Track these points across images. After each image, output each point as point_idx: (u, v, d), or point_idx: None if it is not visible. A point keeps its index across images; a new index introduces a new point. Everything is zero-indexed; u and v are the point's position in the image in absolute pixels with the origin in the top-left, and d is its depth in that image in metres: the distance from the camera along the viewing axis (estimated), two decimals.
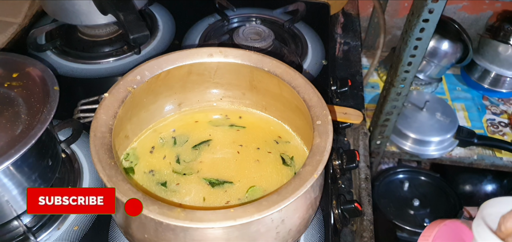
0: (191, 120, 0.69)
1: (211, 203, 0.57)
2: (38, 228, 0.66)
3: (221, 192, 0.59)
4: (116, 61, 0.98)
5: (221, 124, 0.69)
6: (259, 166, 0.62)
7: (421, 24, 1.10)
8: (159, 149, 0.64)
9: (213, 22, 1.11)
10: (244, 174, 0.61)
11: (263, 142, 0.65)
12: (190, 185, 0.60)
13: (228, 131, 0.67)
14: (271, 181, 0.60)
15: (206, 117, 0.70)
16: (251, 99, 0.69)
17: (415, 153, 1.49)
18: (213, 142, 0.66)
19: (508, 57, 1.52)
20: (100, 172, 0.47)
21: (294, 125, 0.66)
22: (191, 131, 0.67)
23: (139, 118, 0.64)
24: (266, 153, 0.64)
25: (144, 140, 0.66)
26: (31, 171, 0.61)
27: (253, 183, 0.60)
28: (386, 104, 1.33)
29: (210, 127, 0.68)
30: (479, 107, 1.59)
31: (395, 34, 1.74)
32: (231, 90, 0.69)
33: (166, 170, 0.62)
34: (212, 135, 0.67)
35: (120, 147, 0.61)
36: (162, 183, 0.60)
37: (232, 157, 0.64)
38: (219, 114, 0.70)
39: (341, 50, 1.15)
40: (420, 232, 1.43)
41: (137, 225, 0.50)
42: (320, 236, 0.69)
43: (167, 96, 0.66)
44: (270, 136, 0.67)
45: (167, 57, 0.61)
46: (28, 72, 0.65)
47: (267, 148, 0.64)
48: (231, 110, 0.70)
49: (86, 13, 0.90)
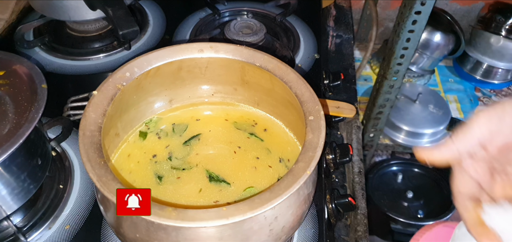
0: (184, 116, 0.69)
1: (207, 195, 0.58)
2: (28, 228, 0.65)
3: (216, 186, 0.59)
4: (106, 57, 0.97)
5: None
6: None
7: (413, 16, 1.10)
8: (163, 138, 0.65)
9: (204, 16, 1.10)
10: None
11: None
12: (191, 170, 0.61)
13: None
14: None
15: (198, 113, 0.69)
16: (243, 94, 0.68)
17: (409, 145, 1.49)
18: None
19: (500, 48, 1.53)
20: (90, 171, 0.47)
21: (287, 120, 0.65)
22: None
23: (130, 116, 0.63)
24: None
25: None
26: (20, 170, 0.61)
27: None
28: (379, 97, 1.33)
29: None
30: (472, 99, 1.60)
31: (388, 27, 1.74)
32: (223, 86, 0.68)
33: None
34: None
35: (111, 145, 0.60)
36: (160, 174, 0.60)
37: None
38: (210, 111, 0.69)
39: (333, 44, 1.15)
40: (414, 224, 1.45)
41: (128, 224, 0.49)
42: (314, 231, 0.68)
43: (158, 93, 0.65)
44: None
45: (157, 53, 0.60)
46: (15, 70, 0.64)
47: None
48: (224, 105, 0.70)
49: (74, 9, 0.89)
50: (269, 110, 0.67)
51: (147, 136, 0.65)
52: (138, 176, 0.60)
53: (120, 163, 0.61)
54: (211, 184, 0.59)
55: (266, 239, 0.50)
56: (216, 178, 0.59)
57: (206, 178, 0.60)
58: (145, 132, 0.65)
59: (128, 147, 0.63)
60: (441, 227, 0.55)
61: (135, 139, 0.64)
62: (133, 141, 0.64)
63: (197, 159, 0.62)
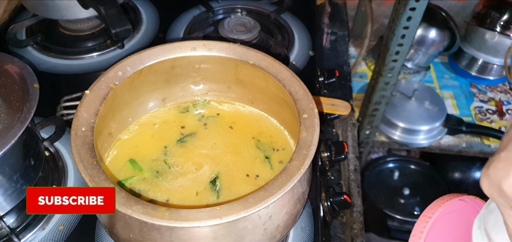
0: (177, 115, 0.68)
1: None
2: (22, 229, 0.65)
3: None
4: (99, 56, 0.96)
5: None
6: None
7: (408, 13, 1.10)
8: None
9: (198, 14, 1.10)
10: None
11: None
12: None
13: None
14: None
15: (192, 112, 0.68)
16: (237, 93, 0.67)
17: (405, 142, 1.49)
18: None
19: (495, 44, 1.53)
20: (82, 171, 0.46)
21: (281, 118, 0.65)
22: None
23: (123, 115, 0.63)
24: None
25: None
26: (13, 171, 0.60)
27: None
28: (375, 94, 1.33)
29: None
30: (467, 95, 1.60)
31: (383, 23, 1.74)
32: (216, 84, 0.67)
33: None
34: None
35: (104, 144, 0.60)
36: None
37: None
38: (204, 108, 0.69)
39: (328, 41, 1.14)
40: (410, 221, 1.45)
41: (121, 225, 0.49)
42: (309, 229, 0.68)
43: (151, 92, 0.64)
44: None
45: (149, 51, 0.60)
46: (6, 70, 0.63)
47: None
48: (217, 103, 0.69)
49: (66, 7, 0.88)
50: (263, 108, 0.67)
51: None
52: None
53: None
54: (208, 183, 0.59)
55: (260, 238, 0.50)
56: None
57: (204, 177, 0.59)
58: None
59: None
60: (456, 201, 0.51)
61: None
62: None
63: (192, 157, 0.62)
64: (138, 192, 0.57)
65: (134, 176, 0.59)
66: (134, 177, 0.59)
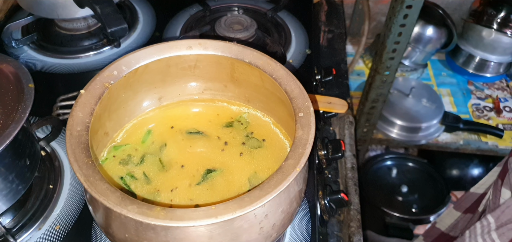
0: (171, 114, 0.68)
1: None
2: (18, 229, 0.65)
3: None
4: (96, 55, 0.96)
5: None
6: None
7: (405, 10, 1.10)
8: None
9: (194, 13, 1.09)
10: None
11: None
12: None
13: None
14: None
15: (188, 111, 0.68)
16: (233, 91, 0.67)
17: (402, 140, 1.49)
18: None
19: (492, 41, 1.53)
20: (77, 171, 0.46)
21: (277, 116, 0.64)
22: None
23: (119, 115, 0.62)
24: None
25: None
26: (8, 171, 0.60)
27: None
28: (372, 91, 1.32)
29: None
30: (465, 92, 1.60)
31: (380, 21, 1.74)
32: (213, 83, 0.67)
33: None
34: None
35: (100, 144, 0.59)
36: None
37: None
38: (200, 107, 0.69)
39: (325, 39, 1.14)
40: (408, 218, 1.45)
41: (117, 225, 0.49)
42: (307, 227, 0.68)
43: (147, 91, 0.64)
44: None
45: (145, 51, 0.60)
46: (1, 70, 0.63)
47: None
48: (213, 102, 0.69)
49: (62, 7, 0.88)
50: (260, 107, 0.67)
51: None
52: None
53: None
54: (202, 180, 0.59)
55: (256, 237, 0.49)
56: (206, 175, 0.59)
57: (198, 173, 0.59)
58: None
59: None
60: None
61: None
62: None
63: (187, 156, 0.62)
64: (133, 191, 0.57)
65: (128, 175, 0.59)
66: (129, 176, 0.58)
